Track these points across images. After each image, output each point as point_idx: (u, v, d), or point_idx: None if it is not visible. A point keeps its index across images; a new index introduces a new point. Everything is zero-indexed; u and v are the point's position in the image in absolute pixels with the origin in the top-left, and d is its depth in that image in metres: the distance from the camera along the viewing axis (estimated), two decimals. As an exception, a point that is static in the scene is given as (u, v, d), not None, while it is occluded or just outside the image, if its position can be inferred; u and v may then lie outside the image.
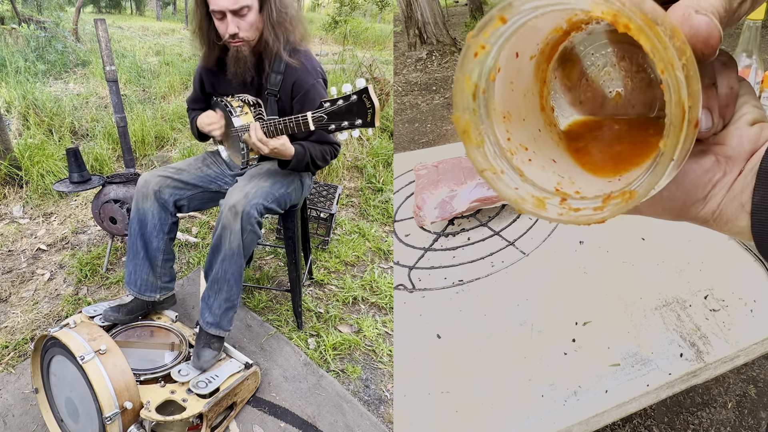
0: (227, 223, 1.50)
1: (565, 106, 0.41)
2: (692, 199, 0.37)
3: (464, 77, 0.34)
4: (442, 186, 1.16)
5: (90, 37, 6.43)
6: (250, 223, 1.52)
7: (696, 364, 0.82)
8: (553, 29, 0.36)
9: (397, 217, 1.26)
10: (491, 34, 0.33)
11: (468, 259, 1.08)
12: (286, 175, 1.69)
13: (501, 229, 1.16)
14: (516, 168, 0.36)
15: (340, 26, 8.55)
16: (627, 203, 0.32)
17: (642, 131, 0.38)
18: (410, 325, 0.94)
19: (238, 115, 1.56)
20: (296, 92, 1.60)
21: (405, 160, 1.48)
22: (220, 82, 1.68)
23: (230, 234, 1.50)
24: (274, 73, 1.60)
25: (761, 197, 0.33)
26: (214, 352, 1.58)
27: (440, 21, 7.09)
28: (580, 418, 0.76)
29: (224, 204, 1.51)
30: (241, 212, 1.49)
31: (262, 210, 1.55)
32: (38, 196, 2.80)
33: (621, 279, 0.99)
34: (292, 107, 1.63)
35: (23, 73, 4.41)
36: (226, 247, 1.52)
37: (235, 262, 1.54)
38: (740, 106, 0.36)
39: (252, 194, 1.53)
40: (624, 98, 0.40)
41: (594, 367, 0.82)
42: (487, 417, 0.77)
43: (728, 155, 0.35)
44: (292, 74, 1.60)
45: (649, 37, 0.29)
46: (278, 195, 1.62)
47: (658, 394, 0.80)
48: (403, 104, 5.54)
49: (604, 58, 0.40)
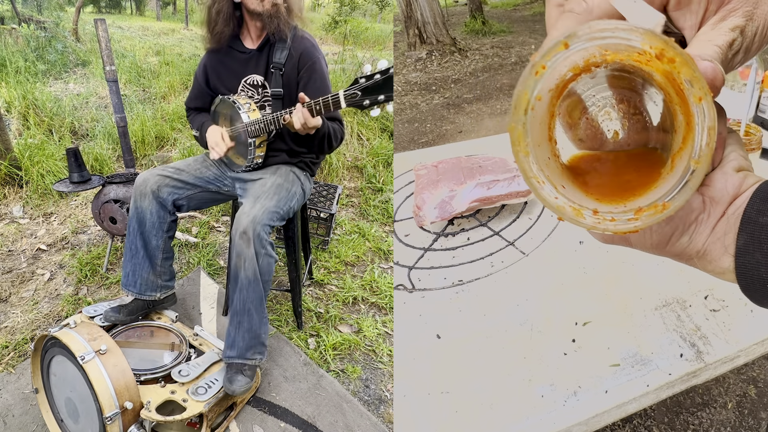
0: (240, 250, 1.48)
1: (566, 141, 0.45)
2: (678, 233, 0.40)
3: (523, 92, 0.38)
4: (441, 186, 1.16)
5: (90, 37, 6.43)
6: (263, 246, 1.50)
7: (696, 364, 0.82)
8: (571, 67, 0.39)
9: (396, 217, 1.26)
10: (552, 57, 0.36)
11: (468, 259, 1.08)
12: (288, 189, 1.68)
13: (501, 229, 1.16)
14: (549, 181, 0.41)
15: (340, 26, 8.55)
16: (661, 213, 0.36)
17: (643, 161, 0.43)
18: (410, 325, 0.94)
19: (245, 111, 1.58)
20: (303, 63, 1.65)
21: (405, 160, 1.48)
22: (228, 63, 1.70)
23: (245, 261, 1.48)
24: (279, 48, 1.64)
25: (744, 242, 0.37)
26: (246, 378, 1.53)
27: (440, 21, 7.09)
28: (580, 418, 0.76)
29: (234, 231, 1.50)
30: (252, 237, 1.48)
31: (269, 230, 1.55)
32: (38, 196, 2.80)
33: (621, 279, 0.99)
34: (297, 81, 1.66)
35: (23, 73, 4.41)
36: (242, 275, 1.50)
37: (253, 290, 1.52)
38: (728, 153, 0.40)
39: (259, 216, 1.51)
40: (621, 138, 0.45)
41: (594, 367, 0.83)
42: (487, 417, 0.77)
43: (713, 196, 0.39)
44: (298, 47, 1.66)
45: (692, 69, 0.33)
46: (283, 212, 1.62)
47: (658, 395, 0.80)
48: (403, 104, 5.54)
49: (604, 101, 0.45)
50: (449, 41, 7.06)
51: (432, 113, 5.21)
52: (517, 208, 1.22)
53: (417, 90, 5.92)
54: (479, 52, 7.11)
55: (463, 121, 4.96)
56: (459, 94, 5.69)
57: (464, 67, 6.57)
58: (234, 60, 1.70)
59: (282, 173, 1.70)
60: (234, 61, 1.70)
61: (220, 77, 1.72)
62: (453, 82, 6.10)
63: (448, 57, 6.87)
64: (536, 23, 9.13)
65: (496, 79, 6.04)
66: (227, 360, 1.56)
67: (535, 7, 10.42)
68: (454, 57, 6.87)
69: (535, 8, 10.32)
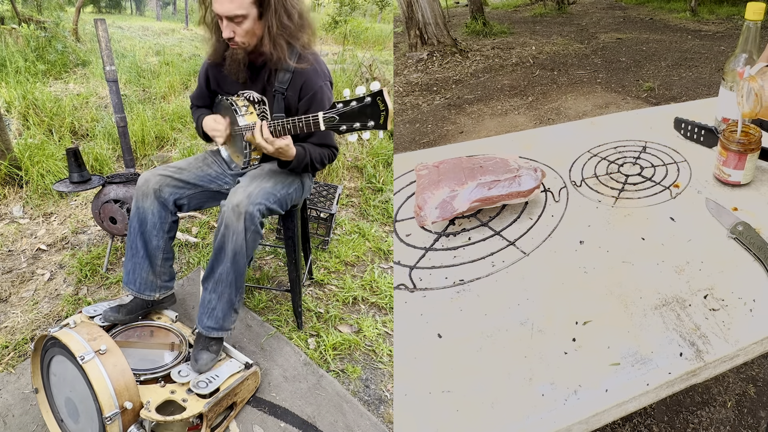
0: (230, 222, 1.49)
1: None
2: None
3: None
4: (443, 186, 1.16)
5: (90, 37, 6.43)
6: (253, 223, 1.51)
7: (696, 363, 0.82)
8: None
9: (398, 217, 1.26)
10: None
11: (469, 259, 1.08)
12: (288, 176, 1.68)
13: (502, 229, 1.16)
14: None
15: (340, 26, 8.56)
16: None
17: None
18: (411, 325, 0.94)
19: (242, 114, 1.55)
20: (304, 93, 1.60)
21: (406, 160, 1.48)
22: (225, 78, 1.68)
23: (233, 234, 1.50)
24: (282, 71, 1.60)
25: None
26: (212, 355, 1.57)
27: (441, 22, 7.09)
28: (580, 417, 0.76)
29: (226, 204, 1.51)
30: (243, 212, 1.48)
31: (264, 210, 1.55)
32: (38, 196, 2.80)
33: (621, 279, 0.99)
34: (298, 108, 1.62)
35: (23, 73, 4.41)
36: (229, 247, 1.51)
37: (237, 263, 1.53)
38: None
39: (255, 194, 1.52)
40: None
41: (594, 366, 0.83)
42: (488, 416, 0.77)
43: None
44: (301, 74, 1.60)
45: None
46: (280, 196, 1.62)
47: (657, 393, 0.80)
48: (404, 105, 5.55)
49: None
50: (450, 42, 7.06)
51: (433, 114, 5.21)
52: (517, 208, 1.22)
53: (418, 91, 5.93)
54: (480, 53, 7.12)
55: (464, 122, 4.96)
56: (460, 94, 5.69)
57: (465, 68, 6.57)
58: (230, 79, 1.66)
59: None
60: (231, 80, 1.66)
61: (219, 85, 1.72)
62: (454, 82, 6.10)
63: (449, 58, 6.87)
64: (536, 24, 9.13)
65: (497, 80, 6.04)
66: (204, 332, 1.58)
67: (535, 9, 10.42)
68: (455, 58, 6.87)
69: (536, 9, 10.32)
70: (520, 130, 1.68)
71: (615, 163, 1.39)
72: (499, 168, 1.20)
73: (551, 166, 1.38)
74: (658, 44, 7.17)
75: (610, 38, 7.64)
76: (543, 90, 5.60)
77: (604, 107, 4.99)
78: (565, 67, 6.38)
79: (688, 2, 9.03)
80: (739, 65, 1.36)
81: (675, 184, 1.27)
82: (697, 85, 5.42)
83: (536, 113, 5.00)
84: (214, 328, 1.58)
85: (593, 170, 1.36)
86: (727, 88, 1.41)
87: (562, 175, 1.35)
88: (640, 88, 5.42)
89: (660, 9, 9.69)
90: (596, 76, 5.93)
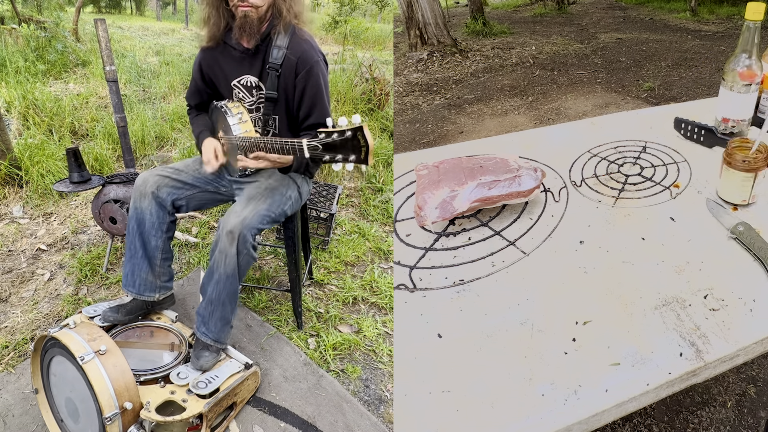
0: (224, 247, 1.51)
1: None
2: None
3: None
4: (443, 186, 1.16)
5: (90, 37, 6.43)
6: (246, 247, 1.52)
7: (696, 363, 0.82)
8: None
9: (398, 217, 1.26)
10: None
11: (469, 259, 1.08)
12: (283, 193, 1.67)
13: (502, 229, 1.16)
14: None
15: (340, 26, 8.56)
16: None
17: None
18: (411, 325, 0.94)
19: (236, 123, 1.55)
20: (301, 67, 1.60)
21: (406, 160, 1.48)
22: (222, 62, 1.67)
23: (226, 258, 1.51)
24: (276, 47, 1.59)
25: None
26: (213, 353, 1.58)
27: (441, 22, 7.09)
28: (580, 417, 0.76)
29: (221, 228, 1.52)
30: (237, 237, 1.50)
31: (256, 233, 1.56)
32: (38, 196, 2.80)
33: (621, 279, 0.99)
34: (295, 84, 1.62)
35: (23, 73, 4.41)
36: (221, 270, 1.53)
37: (230, 284, 1.55)
38: None
39: (249, 219, 1.52)
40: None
41: (594, 366, 0.83)
42: (488, 416, 0.77)
43: None
44: (296, 49, 1.60)
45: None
46: (275, 215, 1.62)
47: (657, 393, 0.80)
48: (404, 105, 5.55)
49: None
50: (450, 42, 7.06)
51: (433, 114, 5.21)
52: (517, 208, 1.22)
53: (418, 91, 5.93)
54: (480, 53, 7.11)
55: (464, 122, 4.96)
56: (460, 94, 5.69)
57: (465, 68, 6.57)
58: (228, 58, 1.66)
59: (278, 177, 1.70)
60: (228, 60, 1.66)
61: (215, 74, 1.71)
62: (454, 82, 6.10)
63: (449, 58, 6.87)
64: (536, 24, 9.13)
65: (497, 80, 6.04)
66: (201, 336, 1.60)
67: (535, 9, 10.42)
68: (455, 58, 6.87)
69: (536, 10, 10.32)
70: (520, 130, 1.68)
71: (615, 163, 1.39)
72: (499, 168, 1.20)
73: (551, 166, 1.38)
74: (658, 44, 7.17)
75: (610, 38, 7.64)
76: (543, 90, 5.60)
77: (604, 107, 4.99)
78: (565, 67, 6.38)
79: (688, 2, 9.03)
80: (739, 65, 1.36)
81: (675, 184, 1.27)
82: (697, 85, 5.42)
83: (536, 113, 5.00)
84: (209, 337, 1.60)
85: (593, 170, 1.36)
86: (727, 88, 1.41)
87: (562, 175, 1.35)
88: (640, 88, 5.42)
89: (660, 9, 9.69)
90: (596, 76, 5.93)
